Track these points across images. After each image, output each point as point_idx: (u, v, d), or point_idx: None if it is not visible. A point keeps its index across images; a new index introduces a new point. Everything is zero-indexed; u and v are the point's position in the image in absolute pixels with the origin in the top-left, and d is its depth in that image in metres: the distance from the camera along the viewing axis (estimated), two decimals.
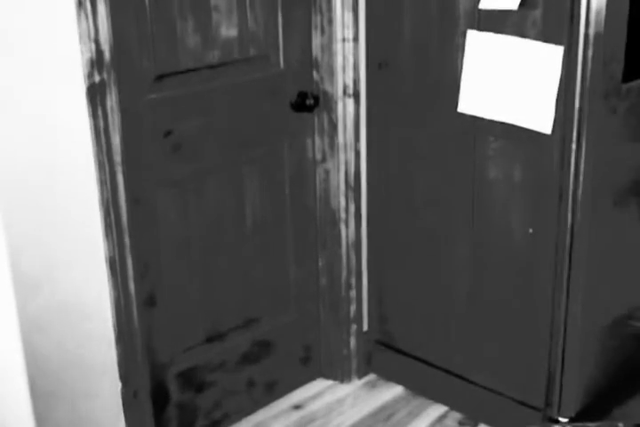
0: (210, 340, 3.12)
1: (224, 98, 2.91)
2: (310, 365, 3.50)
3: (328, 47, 3.08)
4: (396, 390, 3.45)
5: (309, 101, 3.11)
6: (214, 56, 2.84)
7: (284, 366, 3.40)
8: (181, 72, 2.77)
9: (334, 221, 3.29)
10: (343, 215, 3.28)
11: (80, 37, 2.39)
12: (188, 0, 2.71)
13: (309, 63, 3.14)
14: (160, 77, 2.72)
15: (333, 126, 3.17)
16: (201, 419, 3.15)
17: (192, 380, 3.09)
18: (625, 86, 2.75)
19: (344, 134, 3.18)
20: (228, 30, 2.85)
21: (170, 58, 2.73)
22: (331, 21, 3.04)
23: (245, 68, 2.95)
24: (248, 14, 2.90)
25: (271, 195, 3.16)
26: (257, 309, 3.25)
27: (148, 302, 2.86)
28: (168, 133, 2.77)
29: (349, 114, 3.17)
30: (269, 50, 3.01)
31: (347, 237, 3.31)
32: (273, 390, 3.38)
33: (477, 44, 2.80)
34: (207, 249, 3.01)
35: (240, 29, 2.89)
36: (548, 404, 3.02)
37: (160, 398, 2.99)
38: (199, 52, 2.79)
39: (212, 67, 2.85)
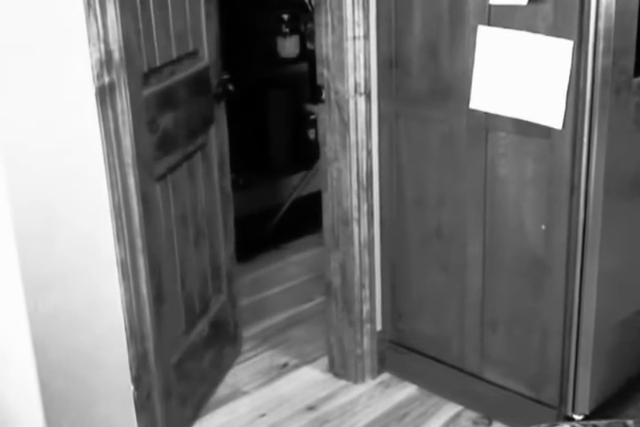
0: None
1: (182, 92, 2.96)
2: None
3: (338, 45, 3.07)
4: (410, 390, 3.43)
5: (226, 88, 3.25)
6: (172, 52, 2.90)
7: None
8: (158, 68, 2.81)
9: (346, 221, 3.28)
10: (355, 214, 3.26)
11: (89, 38, 2.38)
12: None
13: (220, 51, 3.25)
14: (147, 75, 2.72)
15: (345, 125, 3.16)
16: None
17: None
18: (636, 80, 2.73)
19: (355, 133, 3.17)
20: (177, 26, 2.91)
21: (150, 55, 2.74)
22: (341, 19, 3.03)
23: (187, 62, 3.02)
24: (187, 10, 2.97)
25: (205, 183, 3.23)
26: None
27: (160, 303, 2.86)
28: (156, 129, 2.79)
29: (361, 112, 3.16)
30: (197, 44, 3.07)
31: (359, 236, 3.30)
32: None
33: (488, 39, 2.79)
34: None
35: (181, 25, 2.95)
36: (562, 402, 3.00)
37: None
38: (163, 48, 2.83)
39: (173, 62, 2.91)
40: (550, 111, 2.69)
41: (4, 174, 2.26)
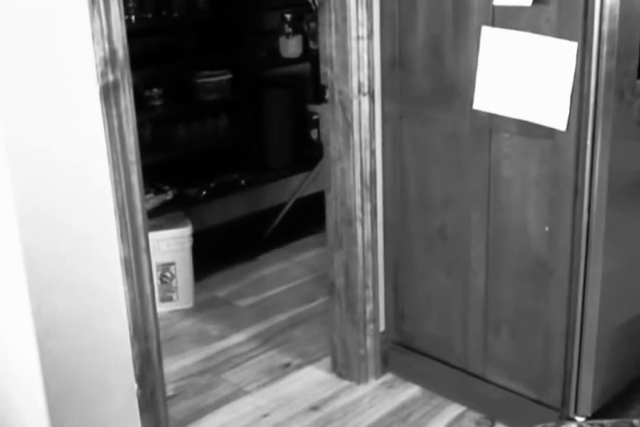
0: None
1: None
2: None
3: (342, 45, 3.07)
4: (413, 391, 3.43)
5: None
6: None
7: None
8: None
9: (350, 221, 3.28)
10: (359, 214, 3.26)
11: (93, 36, 2.37)
12: None
13: None
14: None
15: (348, 125, 3.15)
16: None
17: None
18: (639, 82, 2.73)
19: (359, 133, 3.17)
20: None
21: None
22: (345, 19, 3.03)
23: None
24: None
25: None
26: None
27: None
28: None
29: (364, 112, 3.15)
30: None
31: (363, 236, 3.30)
32: None
33: (492, 40, 2.78)
34: None
35: None
36: (564, 403, 3.00)
37: None
38: None
39: None
40: (554, 113, 2.69)
41: (9, 173, 2.26)
